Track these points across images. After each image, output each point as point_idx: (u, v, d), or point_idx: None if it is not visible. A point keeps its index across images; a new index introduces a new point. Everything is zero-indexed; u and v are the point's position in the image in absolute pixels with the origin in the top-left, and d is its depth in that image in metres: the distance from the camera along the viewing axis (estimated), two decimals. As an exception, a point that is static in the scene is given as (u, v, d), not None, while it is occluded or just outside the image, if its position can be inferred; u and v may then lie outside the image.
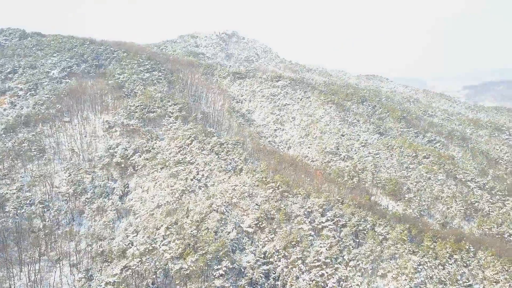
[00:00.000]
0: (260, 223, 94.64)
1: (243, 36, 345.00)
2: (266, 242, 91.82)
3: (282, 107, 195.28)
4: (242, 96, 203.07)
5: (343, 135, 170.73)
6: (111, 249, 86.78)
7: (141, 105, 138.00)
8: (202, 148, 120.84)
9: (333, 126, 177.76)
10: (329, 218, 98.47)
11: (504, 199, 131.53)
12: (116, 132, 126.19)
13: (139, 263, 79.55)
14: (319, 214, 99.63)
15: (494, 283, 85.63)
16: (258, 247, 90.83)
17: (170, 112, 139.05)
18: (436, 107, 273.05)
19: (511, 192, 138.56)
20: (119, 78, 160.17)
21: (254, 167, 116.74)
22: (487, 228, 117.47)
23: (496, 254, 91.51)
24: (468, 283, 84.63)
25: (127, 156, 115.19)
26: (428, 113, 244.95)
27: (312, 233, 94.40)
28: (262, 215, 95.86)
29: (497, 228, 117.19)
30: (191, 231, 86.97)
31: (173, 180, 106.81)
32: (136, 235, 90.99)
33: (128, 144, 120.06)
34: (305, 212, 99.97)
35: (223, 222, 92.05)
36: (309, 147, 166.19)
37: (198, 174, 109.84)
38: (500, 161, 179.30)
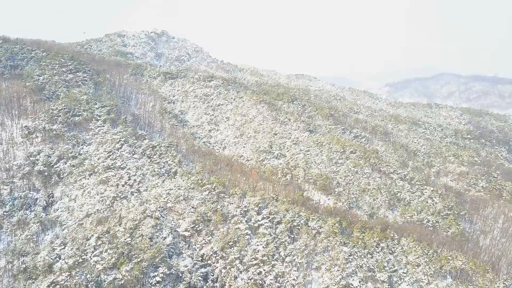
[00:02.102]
0: (196, 226, 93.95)
1: (173, 35, 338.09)
2: (204, 245, 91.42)
3: (215, 107, 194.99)
4: (174, 96, 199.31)
5: (275, 134, 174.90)
6: (35, 265, 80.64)
7: (64, 109, 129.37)
8: (133, 152, 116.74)
9: (266, 125, 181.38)
10: (264, 216, 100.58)
11: (422, 188, 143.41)
12: (37, 138, 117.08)
13: (68, 277, 74.99)
14: (255, 213, 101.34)
15: (416, 267, 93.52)
16: (196, 250, 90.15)
17: (97, 115, 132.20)
18: (361, 104, 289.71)
19: (428, 182, 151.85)
20: (38, 79, 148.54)
21: (189, 169, 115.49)
22: (408, 216, 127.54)
23: (417, 240, 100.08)
24: (394, 269, 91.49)
25: (51, 163, 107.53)
26: (354, 110, 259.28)
27: (249, 232, 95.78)
28: (198, 217, 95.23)
29: (417, 215, 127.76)
30: (125, 239, 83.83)
31: (103, 186, 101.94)
32: (64, 248, 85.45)
33: (52, 150, 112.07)
34: (242, 212, 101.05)
35: (158, 228, 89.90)
36: (244, 147, 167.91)
37: (129, 179, 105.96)
38: (418, 153, 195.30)
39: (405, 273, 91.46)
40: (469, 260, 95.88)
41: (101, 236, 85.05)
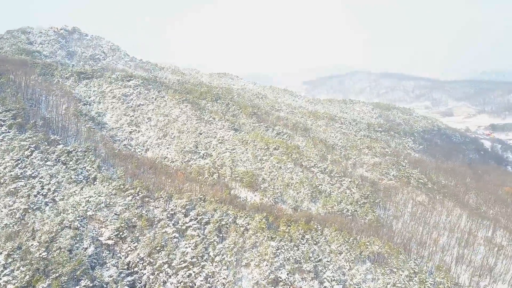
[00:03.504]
0: (121, 233, 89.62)
1: (86, 32, 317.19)
2: (129, 252, 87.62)
3: (136, 108, 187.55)
4: (90, 98, 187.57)
5: (200, 134, 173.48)
6: None
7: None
8: (45, 159, 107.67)
9: (190, 125, 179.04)
10: (192, 218, 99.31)
11: (341, 180, 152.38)
12: None
13: (-26, 302, 67.18)
14: (183, 215, 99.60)
15: (339, 254, 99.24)
16: (121, 258, 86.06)
17: (1, 120, 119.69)
18: (282, 102, 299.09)
19: (346, 173, 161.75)
20: None
21: (110, 175, 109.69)
22: (330, 207, 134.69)
23: (338, 229, 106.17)
24: (318, 259, 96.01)
25: None
26: (275, 108, 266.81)
27: (177, 235, 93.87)
28: (122, 224, 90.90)
29: (337, 205, 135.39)
30: (40, 254, 77.09)
31: (12, 198, 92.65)
32: (-33, 270, 76.31)
33: None
34: (168, 215, 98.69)
35: (78, 239, 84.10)
36: (168, 148, 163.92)
37: (43, 188, 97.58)
38: (335, 146, 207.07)
39: (329, 261, 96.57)
40: (384, 244, 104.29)
41: (11, 253, 77.22)
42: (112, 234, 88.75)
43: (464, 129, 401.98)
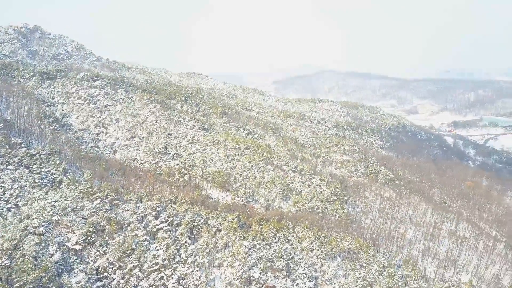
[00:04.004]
0: (89, 238, 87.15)
1: (48, 31, 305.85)
2: (98, 257, 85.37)
3: (103, 109, 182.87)
4: (54, 99, 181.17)
5: (170, 134, 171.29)
6: None
7: None
8: (7, 163, 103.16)
9: (160, 125, 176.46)
10: (163, 220, 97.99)
11: (311, 177, 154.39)
12: None
13: None
14: (153, 217, 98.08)
15: (310, 251, 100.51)
16: (89, 263, 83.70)
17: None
18: (252, 102, 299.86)
19: (316, 171, 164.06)
20: None
21: (76, 178, 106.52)
22: (301, 204, 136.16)
23: (309, 227, 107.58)
24: (290, 256, 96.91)
25: None
26: (246, 108, 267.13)
27: (148, 237, 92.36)
28: (90, 228, 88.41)
29: (308, 203, 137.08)
30: (2, 262, 73.88)
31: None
32: None
33: None
34: (139, 218, 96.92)
35: (43, 245, 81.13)
36: (137, 149, 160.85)
37: (4, 194, 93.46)
38: (305, 145, 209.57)
39: (300, 259, 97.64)
40: (354, 239, 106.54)
41: (-29, 262, 73.69)
42: (79, 239, 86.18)
43: (428, 126, 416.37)
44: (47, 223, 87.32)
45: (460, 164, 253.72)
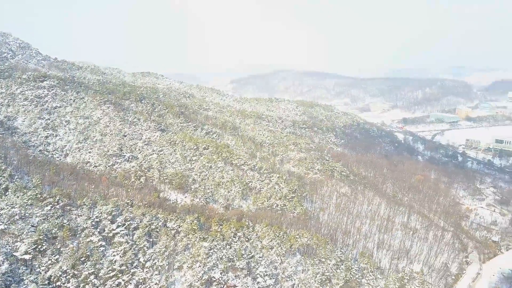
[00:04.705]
0: (39, 247, 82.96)
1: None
2: (50, 266, 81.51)
3: (52, 111, 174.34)
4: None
5: (125, 136, 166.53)
6: None
7: None
8: None
9: (114, 127, 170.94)
10: (120, 224, 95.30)
11: (270, 176, 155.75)
12: None
13: None
14: (109, 222, 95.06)
15: (270, 249, 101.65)
16: (40, 273, 79.76)
17: None
18: (209, 101, 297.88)
19: (274, 169, 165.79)
20: None
21: (24, 184, 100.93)
22: (260, 203, 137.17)
23: (269, 224, 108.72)
24: (251, 255, 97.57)
25: None
26: (203, 107, 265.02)
27: (103, 243, 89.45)
28: (41, 236, 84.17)
29: (267, 201, 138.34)
30: None
31: None
32: None
33: None
34: (93, 223, 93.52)
35: (-12, 256, 76.40)
36: (90, 152, 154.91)
37: None
38: (264, 144, 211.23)
39: (261, 257, 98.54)
40: (312, 235, 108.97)
41: None
42: (29, 248, 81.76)
43: (380, 123, 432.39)
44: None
45: (410, 159, 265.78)
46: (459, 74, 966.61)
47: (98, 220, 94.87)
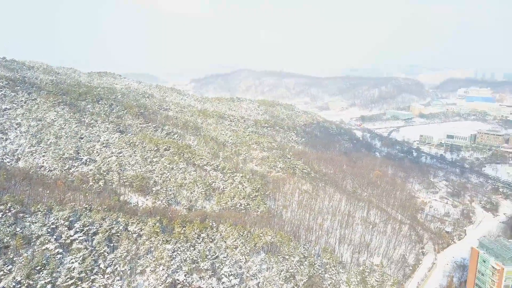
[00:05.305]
0: (-10, 257, 78.47)
1: None
2: (2, 277, 77.29)
3: (1, 113, 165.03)
4: None
5: (81, 138, 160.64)
6: None
7: None
8: None
9: (69, 129, 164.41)
10: (78, 230, 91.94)
11: (233, 175, 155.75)
12: None
13: None
14: (66, 228, 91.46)
15: (234, 249, 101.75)
16: (-8, 285, 75.45)
17: None
18: (170, 101, 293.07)
19: (237, 169, 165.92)
20: None
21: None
22: (224, 203, 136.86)
23: (232, 224, 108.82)
24: (215, 256, 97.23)
25: None
26: (163, 107, 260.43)
27: (61, 250, 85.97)
28: (-9, 246, 79.71)
29: (231, 201, 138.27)
30: None
31: None
32: None
33: None
34: (49, 230, 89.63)
35: None
36: (43, 156, 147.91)
37: None
38: (226, 143, 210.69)
39: (225, 257, 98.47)
40: (276, 233, 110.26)
41: None
42: (-22, 259, 77.18)
43: (339, 121, 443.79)
44: None
45: (369, 156, 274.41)
46: (412, 72, 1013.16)
47: (54, 226, 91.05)
